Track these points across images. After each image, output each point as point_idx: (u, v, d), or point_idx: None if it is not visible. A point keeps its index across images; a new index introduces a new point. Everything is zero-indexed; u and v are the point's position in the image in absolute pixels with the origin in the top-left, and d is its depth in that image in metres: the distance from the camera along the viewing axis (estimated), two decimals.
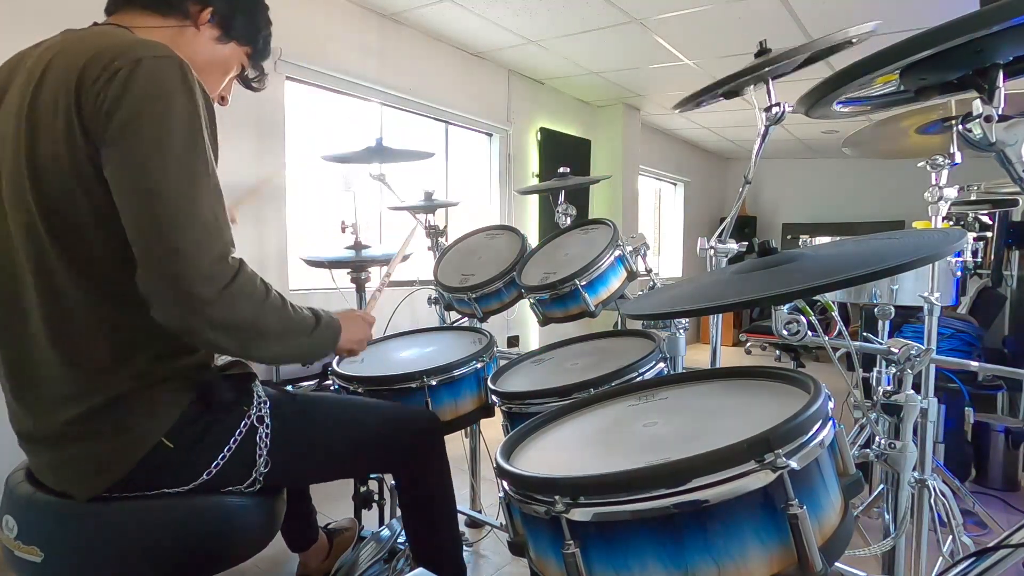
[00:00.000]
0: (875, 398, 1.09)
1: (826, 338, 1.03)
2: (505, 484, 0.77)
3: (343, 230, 2.16)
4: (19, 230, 0.85)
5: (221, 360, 1.01)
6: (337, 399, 1.25)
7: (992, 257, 3.71)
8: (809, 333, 0.97)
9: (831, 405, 0.73)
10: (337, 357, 1.31)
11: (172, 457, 0.90)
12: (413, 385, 1.36)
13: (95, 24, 0.94)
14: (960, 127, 0.78)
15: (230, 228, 0.85)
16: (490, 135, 4.38)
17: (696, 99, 1.39)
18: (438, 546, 1.27)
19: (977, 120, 0.74)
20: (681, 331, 1.38)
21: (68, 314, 0.85)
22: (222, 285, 0.81)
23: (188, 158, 0.81)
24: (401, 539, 1.64)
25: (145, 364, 0.88)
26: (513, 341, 4.23)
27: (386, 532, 1.69)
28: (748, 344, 6.28)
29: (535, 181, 4.57)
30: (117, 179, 0.79)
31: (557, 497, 0.67)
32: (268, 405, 1.01)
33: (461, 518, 1.96)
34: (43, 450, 0.90)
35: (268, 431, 0.99)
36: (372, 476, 1.92)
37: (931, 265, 1.62)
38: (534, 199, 4.64)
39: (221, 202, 0.84)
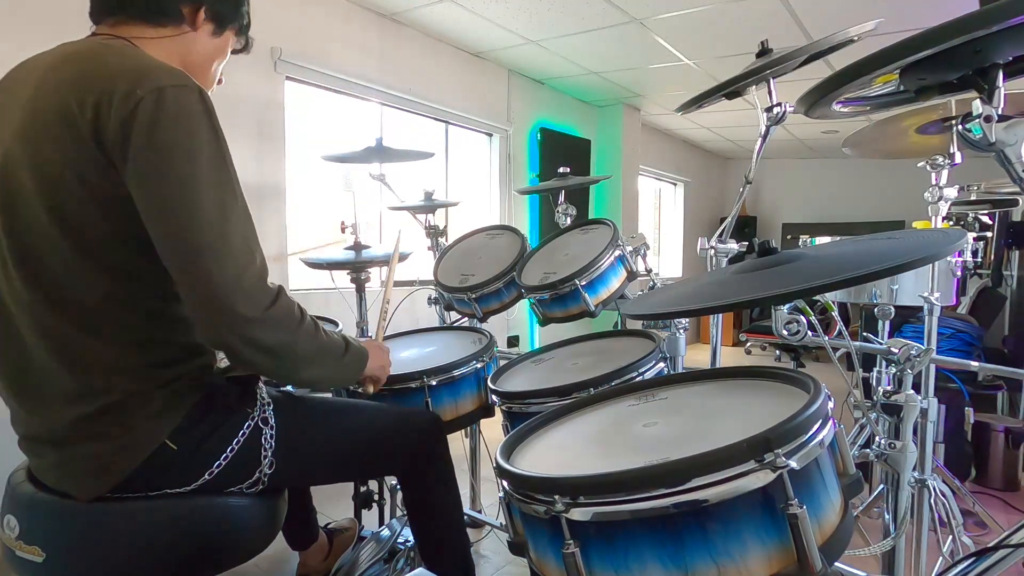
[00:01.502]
0: (875, 398, 1.09)
1: (826, 338, 1.03)
2: (505, 484, 0.77)
3: (343, 230, 2.16)
4: (13, 237, 0.85)
5: (225, 362, 1.01)
6: (339, 402, 1.25)
7: (992, 257, 3.71)
8: (809, 333, 0.97)
9: (831, 405, 0.73)
10: (360, 387, 1.28)
11: (175, 458, 0.90)
12: (413, 385, 1.36)
13: (93, 34, 0.93)
14: (960, 127, 0.78)
15: (262, 253, 0.87)
16: (490, 135, 4.38)
17: (698, 102, 1.39)
18: (445, 548, 1.27)
19: (977, 120, 0.74)
20: (681, 331, 1.38)
21: (72, 317, 0.85)
22: (264, 306, 0.84)
23: (218, 187, 0.83)
24: (401, 539, 1.64)
25: (150, 366, 0.88)
26: (513, 341, 4.23)
27: (386, 532, 1.69)
28: (748, 344, 6.28)
29: (535, 181, 4.57)
30: (147, 208, 0.81)
31: (557, 497, 0.67)
32: (272, 407, 1.01)
33: None
34: (46, 451, 0.90)
35: (272, 432, 0.99)
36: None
37: (931, 265, 1.62)
38: (534, 199, 4.64)
39: (252, 227, 0.87)
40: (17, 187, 0.84)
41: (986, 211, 3.19)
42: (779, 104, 1.35)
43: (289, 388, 1.28)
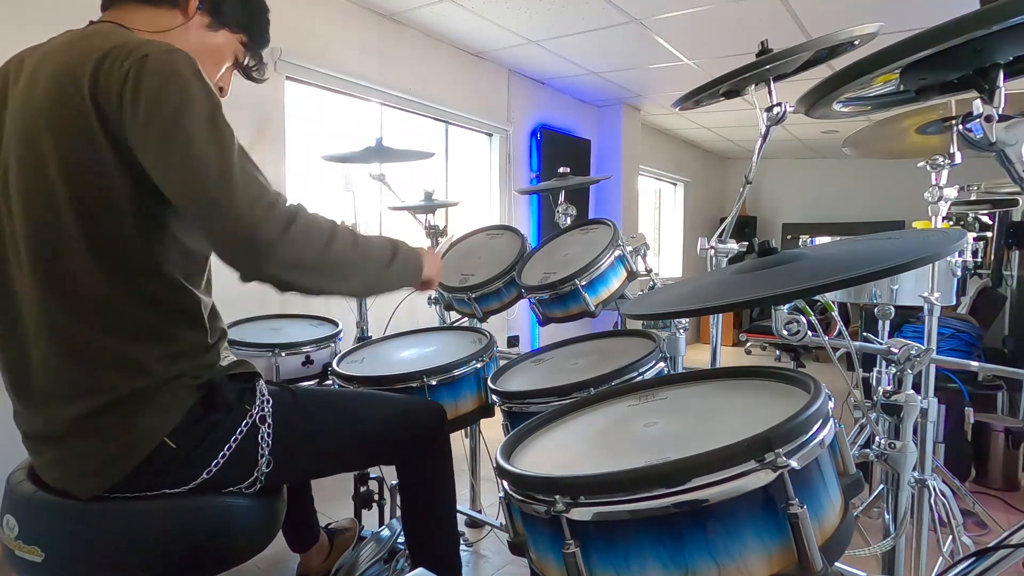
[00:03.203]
0: (875, 398, 1.09)
1: (826, 338, 1.02)
2: (505, 484, 0.77)
3: None
4: (29, 229, 0.85)
5: (227, 360, 1.01)
6: (340, 392, 1.25)
7: (992, 257, 3.71)
8: (809, 333, 0.97)
9: (831, 405, 0.73)
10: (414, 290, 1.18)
11: (175, 457, 0.90)
12: (413, 385, 1.37)
13: (91, 23, 0.94)
14: (960, 127, 0.78)
15: (272, 186, 0.86)
16: (490, 135, 4.38)
17: (696, 96, 1.39)
18: (435, 541, 1.26)
19: (977, 120, 0.74)
20: (681, 331, 1.38)
21: (83, 313, 0.85)
22: (282, 226, 0.82)
23: (214, 133, 0.82)
24: (401, 539, 1.64)
25: (153, 364, 0.89)
26: (513, 341, 4.23)
27: (386, 532, 1.69)
28: (748, 344, 6.28)
29: (535, 181, 4.57)
30: (153, 161, 0.81)
31: (557, 497, 0.67)
32: (271, 404, 1.01)
33: (461, 518, 1.96)
34: (48, 448, 0.90)
35: (270, 430, 0.99)
36: (372, 476, 1.92)
37: (931, 265, 1.62)
38: (534, 199, 4.64)
39: (255, 166, 0.86)
40: (36, 186, 0.84)
41: (986, 211, 3.19)
42: (779, 104, 1.35)
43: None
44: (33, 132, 0.84)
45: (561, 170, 1.94)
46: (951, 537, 1.65)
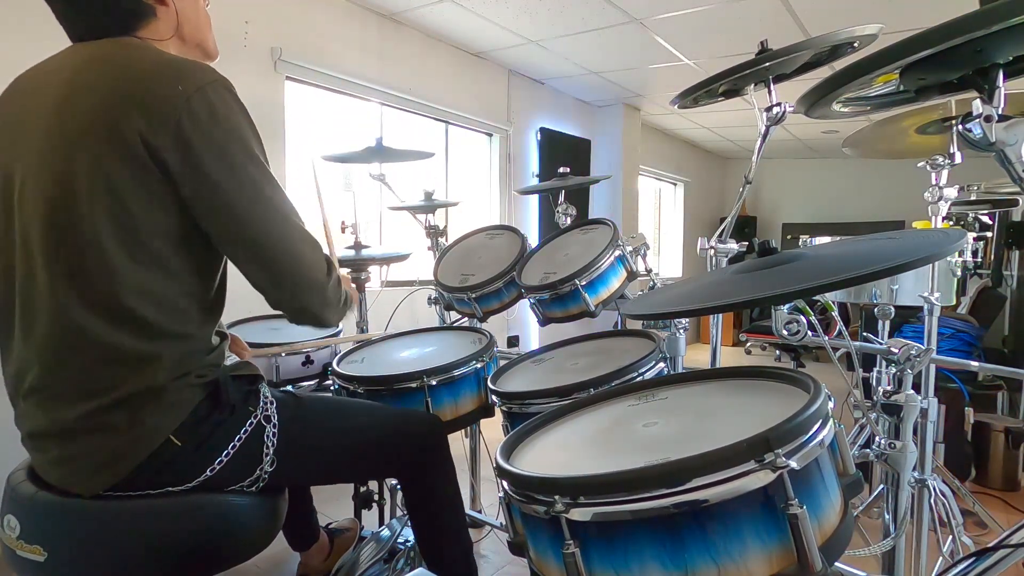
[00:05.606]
0: (875, 398, 1.09)
1: (826, 338, 1.02)
2: (505, 484, 0.77)
3: (343, 230, 2.16)
4: (51, 234, 0.85)
5: (230, 360, 1.01)
6: (340, 403, 1.25)
7: (992, 257, 3.72)
8: (809, 333, 0.97)
9: (831, 405, 0.73)
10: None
11: (179, 454, 0.90)
12: (413, 385, 1.36)
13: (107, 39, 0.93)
14: (960, 127, 0.78)
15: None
16: (490, 135, 4.38)
17: (695, 93, 1.39)
18: (446, 550, 1.27)
19: (977, 120, 0.74)
20: (681, 331, 1.38)
21: (102, 314, 0.85)
22: (339, 299, 1.01)
23: (262, 181, 0.91)
24: (401, 539, 1.64)
25: (165, 362, 0.89)
26: (513, 341, 4.23)
27: (386, 532, 1.69)
28: (748, 344, 6.28)
29: (535, 181, 4.57)
30: (211, 208, 0.88)
31: (557, 497, 0.67)
32: (275, 406, 1.02)
33: None
34: (51, 446, 0.90)
35: (275, 430, 1.00)
36: None
37: (931, 265, 1.62)
38: (534, 199, 4.64)
39: (296, 210, 0.96)
40: (60, 192, 0.84)
41: (986, 211, 3.20)
42: (778, 104, 1.35)
43: (290, 388, 1.29)
44: (70, 149, 0.84)
45: (561, 170, 1.95)
46: (951, 537, 1.65)
